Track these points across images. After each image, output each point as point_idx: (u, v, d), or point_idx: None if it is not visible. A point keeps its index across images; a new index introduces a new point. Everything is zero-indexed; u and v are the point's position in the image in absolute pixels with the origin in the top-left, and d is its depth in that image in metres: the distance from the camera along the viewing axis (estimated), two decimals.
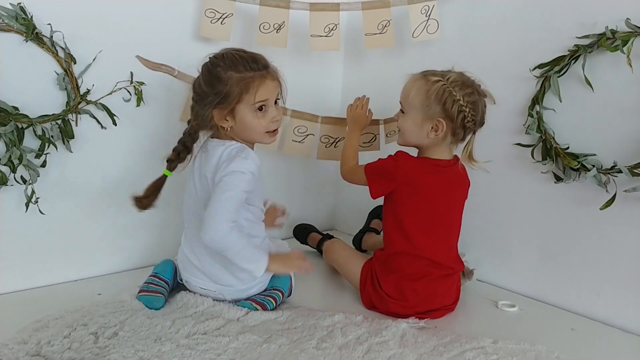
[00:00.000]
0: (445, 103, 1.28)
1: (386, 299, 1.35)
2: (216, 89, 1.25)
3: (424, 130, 1.32)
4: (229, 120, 1.28)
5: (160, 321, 1.24)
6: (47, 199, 1.41)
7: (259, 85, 1.24)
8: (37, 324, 1.20)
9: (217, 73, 1.25)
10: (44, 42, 1.35)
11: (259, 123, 1.27)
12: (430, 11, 1.59)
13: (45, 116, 1.37)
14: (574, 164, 1.37)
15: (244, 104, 1.25)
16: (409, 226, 1.34)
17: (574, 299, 1.44)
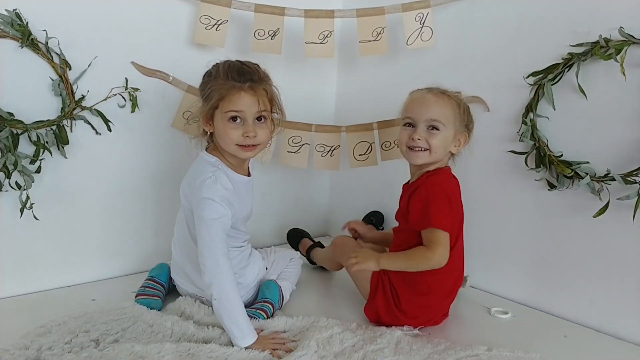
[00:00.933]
0: (468, 116, 1.35)
1: (399, 316, 1.32)
2: (203, 93, 1.29)
3: (449, 145, 1.33)
4: (210, 126, 1.30)
5: (162, 329, 1.25)
6: (42, 205, 1.41)
7: (233, 95, 1.24)
8: (40, 330, 1.21)
9: (207, 78, 1.29)
10: (39, 48, 1.36)
11: (226, 134, 1.26)
12: (424, 19, 1.60)
13: (40, 122, 1.38)
14: (567, 171, 1.37)
15: (219, 111, 1.26)
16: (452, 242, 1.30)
17: (567, 306, 1.44)
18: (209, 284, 1.20)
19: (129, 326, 1.25)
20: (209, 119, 1.29)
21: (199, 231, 1.24)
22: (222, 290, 1.19)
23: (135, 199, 1.60)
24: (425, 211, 1.25)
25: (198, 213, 1.24)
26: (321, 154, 1.73)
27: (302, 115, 1.76)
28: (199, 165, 1.32)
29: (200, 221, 1.24)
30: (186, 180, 1.34)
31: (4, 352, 1.10)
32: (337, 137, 1.74)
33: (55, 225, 1.47)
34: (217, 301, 1.19)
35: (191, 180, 1.30)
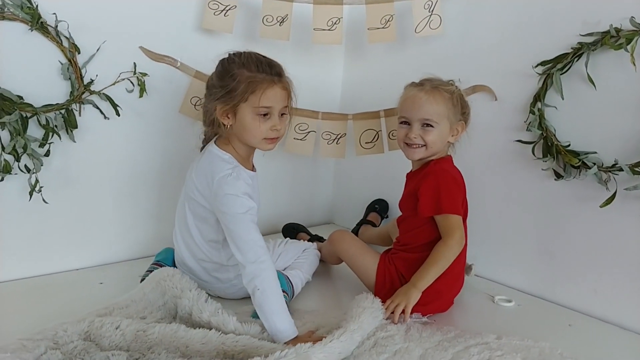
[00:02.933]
0: (463, 106, 1.35)
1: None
2: (224, 82, 1.22)
3: (446, 137, 1.35)
4: (230, 118, 1.25)
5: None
6: (51, 188, 1.42)
7: (267, 89, 1.20)
8: (103, 311, 1.21)
9: (230, 67, 1.23)
10: (48, 32, 1.36)
11: (257, 127, 1.22)
12: (433, 7, 1.59)
13: (49, 106, 1.38)
14: (574, 161, 1.37)
15: (248, 105, 1.21)
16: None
17: (572, 295, 1.45)
18: (252, 276, 1.16)
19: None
20: (228, 111, 1.24)
21: (229, 228, 1.20)
22: (267, 283, 1.16)
23: (143, 184, 1.60)
24: (437, 198, 1.29)
25: (223, 210, 1.21)
26: (327, 142, 1.74)
27: (309, 103, 1.75)
28: (213, 160, 1.27)
29: (229, 218, 1.20)
30: (198, 173, 1.29)
31: (60, 327, 1.10)
32: (344, 125, 1.74)
33: (64, 209, 1.48)
34: (260, 292, 1.15)
35: (206, 176, 1.26)
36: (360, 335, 1.17)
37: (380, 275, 1.39)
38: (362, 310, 1.23)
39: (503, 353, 1.16)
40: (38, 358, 1.02)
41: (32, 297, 1.35)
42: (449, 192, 1.30)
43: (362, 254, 1.44)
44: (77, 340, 1.10)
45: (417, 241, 1.36)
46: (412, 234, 1.36)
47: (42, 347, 1.05)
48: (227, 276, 1.35)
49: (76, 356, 1.06)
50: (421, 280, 1.28)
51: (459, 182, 1.34)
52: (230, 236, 1.21)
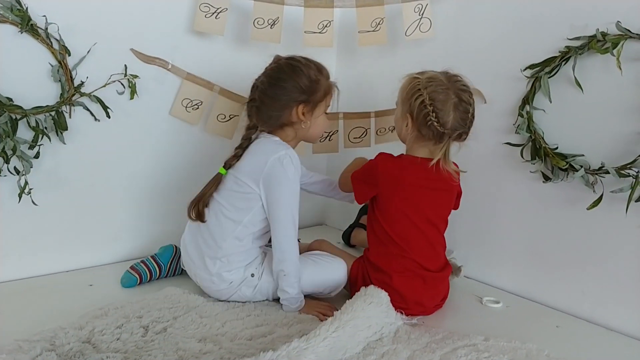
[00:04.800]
0: (411, 98, 1.31)
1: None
2: (310, 86, 1.35)
3: (401, 126, 1.37)
4: (306, 116, 1.37)
5: (211, 321, 1.27)
6: (40, 190, 1.42)
7: (333, 92, 1.42)
8: (98, 312, 1.25)
9: (310, 74, 1.36)
10: (38, 34, 1.36)
11: (324, 123, 1.43)
12: (423, 10, 1.60)
13: (39, 107, 1.38)
14: (562, 164, 1.38)
15: (323, 104, 1.39)
16: (394, 225, 1.35)
17: (560, 296, 1.46)
18: (281, 262, 1.33)
19: (180, 315, 1.28)
20: (309, 111, 1.37)
21: (276, 213, 1.33)
22: (293, 268, 1.34)
23: (133, 186, 1.60)
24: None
25: (276, 195, 1.32)
26: (319, 139, 1.74)
27: None
28: (266, 145, 1.37)
29: (280, 204, 1.33)
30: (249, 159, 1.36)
31: (60, 329, 1.14)
32: (335, 124, 1.76)
33: (53, 211, 1.48)
34: (286, 277, 1.33)
35: (258, 158, 1.34)
36: (354, 327, 1.17)
37: (353, 274, 1.43)
38: (356, 299, 1.25)
39: (490, 355, 1.17)
40: (34, 359, 1.03)
41: (23, 299, 1.34)
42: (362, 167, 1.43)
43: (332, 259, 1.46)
44: (74, 342, 1.10)
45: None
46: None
47: (38, 348, 1.06)
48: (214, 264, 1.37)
49: (71, 358, 1.07)
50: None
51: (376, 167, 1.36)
52: (275, 221, 1.34)
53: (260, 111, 1.37)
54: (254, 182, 1.33)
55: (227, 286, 1.37)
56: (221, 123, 1.65)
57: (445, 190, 1.39)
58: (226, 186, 1.38)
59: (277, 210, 1.33)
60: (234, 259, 1.36)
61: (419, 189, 1.34)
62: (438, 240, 1.40)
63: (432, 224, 1.37)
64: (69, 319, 1.21)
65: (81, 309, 1.27)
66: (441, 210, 1.40)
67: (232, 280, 1.36)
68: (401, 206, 1.35)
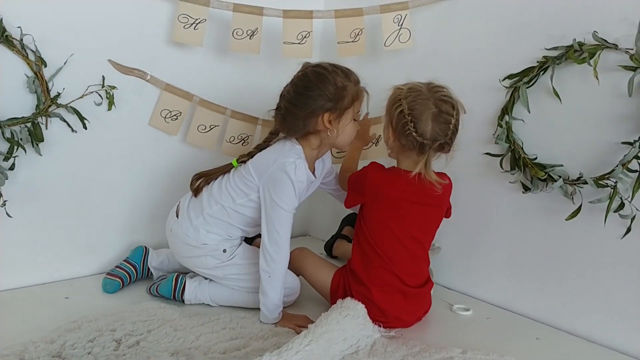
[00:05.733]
0: (391, 108, 1.33)
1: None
2: (336, 94, 1.34)
3: (387, 137, 1.37)
4: (332, 124, 1.36)
5: (185, 334, 1.25)
6: (15, 202, 1.41)
7: (363, 98, 1.39)
8: (71, 325, 1.25)
9: (336, 81, 1.34)
10: (14, 45, 1.35)
11: (354, 130, 1.41)
12: (402, 20, 1.60)
13: (14, 119, 1.38)
14: (541, 174, 1.37)
15: (351, 111, 1.37)
16: (377, 238, 1.34)
17: (540, 308, 1.45)
18: (269, 263, 1.33)
19: (155, 328, 1.27)
20: (332, 119, 1.35)
21: (270, 214, 1.34)
22: (280, 273, 1.34)
23: (111, 197, 1.59)
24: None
25: (271, 195, 1.33)
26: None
27: None
28: (284, 146, 1.38)
29: (274, 206, 1.33)
30: (261, 155, 1.39)
31: (31, 343, 1.14)
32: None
33: (29, 223, 1.46)
34: (269, 278, 1.33)
35: (267, 157, 1.37)
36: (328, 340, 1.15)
37: (334, 285, 1.42)
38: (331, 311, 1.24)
39: None
40: None
41: None
42: (356, 172, 1.45)
43: (317, 269, 1.47)
44: (44, 357, 1.10)
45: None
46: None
47: None
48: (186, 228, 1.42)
49: None
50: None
51: (365, 175, 1.37)
52: (267, 221, 1.34)
53: (286, 120, 1.38)
54: (257, 175, 1.36)
55: (197, 244, 1.40)
56: (201, 134, 1.64)
57: (433, 205, 1.37)
58: (234, 173, 1.42)
59: (270, 211, 1.34)
60: (215, 222, 1.41)
61: (404, 202, 1.33)
62: (421, 256, 1.39)
63: (416, 240, 1.36)
64: (42, 332, 1.20)
65: (55, 322, 1.26)
66: (427, 225, 1.39)
67: (205, 242, 1.40)
68: (385, 219, 1.34)
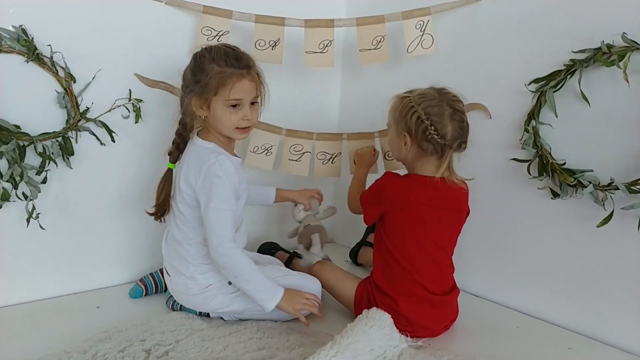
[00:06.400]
0: (406, 117, 1.31)
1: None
2: (197, 77, 1.30)
3: (399, 146, 1.35)
4: (204, 110, 1.32)
5: (212, 345, 1.27)
6: (48, 214, 1.45)
7: (235, 82, 1.28)
8: (102, 335, 1.28)
9: (202, 62, 1.30)
10: (44, 63, 1.39)
11: (229, 118, 1.30)
12: (425, 26, 1.59)
13: (45, 134, 1.41)
14: (570, 180, 1.34)
15: (219, 98, 1.29)
16: (399, 247, 1.33)
17: (572, 317, 1.41)
18: (224, 267, 1.30)
19: (183, 338, 1.29)
20: (202, 104, 1.31)
21: (207, 217, 1.29)
22: (239, 268, 1.29)
23: (139, 208, 1.61)
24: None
25: (205, 201, 1.29)
26: (322, 162, 1.74)
27: (306, 124, 1.76)
28: (198, 152, 1.34)
29: (208, 209, 1.28)
30: (189, 167, 1.34)
31: (64, 353, 1.17)
32: (339, 145, 1.74)
33: (61, 235, 1.50)
34: (237, 279, 1.30)
35: (195, 168, 1.32)
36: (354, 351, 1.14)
37: (358, 295, 1.40)
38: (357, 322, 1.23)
39: None
40: None
41: (31, 321, 1.37)
42: (369, 187, 1.44)
43: (340, 281, 1.47)
44: None
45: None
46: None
47: None
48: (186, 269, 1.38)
49: None
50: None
51: (382, 186, 1.36)
52: (207, 225, 1.30)
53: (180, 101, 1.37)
54: (189, 189, 1.33)
55: (202, 290, 1.37)
56: None
57: (453, 209, 1.36)
58: (177, 200, 1.37)
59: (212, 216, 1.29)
60: (204, 261, 1.37)
61: (426, 209, 1.31)
62: (446, 263, 1.37)
63: (439, 246, 1.35)
64: (75, 342, 1.23)
65: (87, 331, 1.29)
66: (449, 231, 1.37)
67: (209, 284, 1.37)
68: (407, 227, 1.32)
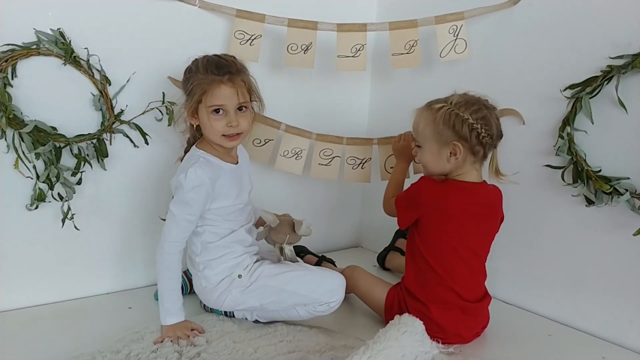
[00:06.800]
0: (455, 125, 1.27)
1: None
2: (185, 88, 1.35)
3: (443, 158, 1.31)
4: (195, 119, 1.36)
5: (243, 347, 1.28)
6: (82, 215, 1.47)
7: (214, 89, 1.30)
8: (135, 335, 1.29)
9: (188, 74, 1.34)
10: (81, 65, 1.41)
11: (211, 126, 1.32)
12: (458, 31, 1.58)
13: (81, 136, 1.43)
14: (606, 187, 1.33)
15: (203, 105, 1.32)
16: (435, 253, 1.32)
17: (606, 326, 1.40)
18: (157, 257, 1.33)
19: (214, 340, 1.30)
20: (193, 113, 1.34)
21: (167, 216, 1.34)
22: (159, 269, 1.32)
23: None
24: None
25: (174, 198, 1.35)
26: (352, 167, 1.73)
27: (335, 128, 1.76)
28: (188, 158, 1.38)
29: (170, 209, 1.33)
30: (178, 171, 1.37)
31: (98, 352, 1.19)
32: (369, 150, 1.73)
33: (95, 235, 1.52)
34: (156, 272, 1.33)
35: (180, 171, 1.36)
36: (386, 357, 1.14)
37: (388, 301, 1.40)
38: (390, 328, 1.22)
39: None
40: None
41: (63, 321, 1.39)
42: (405, 190, 1.42)
43: (371, 286, 1.46)
44: None
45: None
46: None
47: None
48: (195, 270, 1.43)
49: None
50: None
51: (419, 191, 1.34)
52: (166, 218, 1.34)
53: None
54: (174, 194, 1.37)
55: (215, 285, 1.39)
56: (256, 147, 1.66)
57: (490, 215, 1.35)
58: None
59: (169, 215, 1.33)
60: (210, 257, 1.39)
61: (464, 215, 1.30)
62: (480, 270, 1.37)
63: (475, 253, 1.34)
64: (108, 341, 1.25)
65: (119, 331, 1.31)
66: (485, 237, 1.37)
67: (221, 278, 1.39)
68: (444, 233, 1.31)
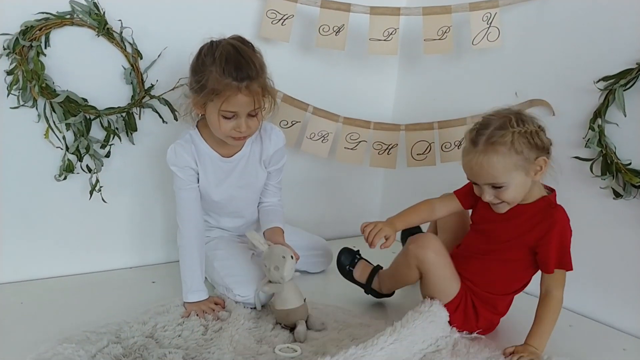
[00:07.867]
0: (536, 143, 1.18)
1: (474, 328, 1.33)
2: (197, 76, 1.26)
3: (528, 182, 1.20)
4: (201, 109, 1.30)
5: (264, 323, 1.29)
6: (110, 188, 1.48)
7: (230, 96, 1.22)
8: (160, 308, 1.31)
9: (203, 63, 1.25)
10: (113, 38, 1.41)
11: (219, 126, 1.27)
12: (492, 19, 1.57)
13: (111, 108, 1.44)
14: (635, 180, 1.33)
15: (214, 104, 1.25)
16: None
17: (628, 319, 1.40)
18: (178, 236, 1.36)
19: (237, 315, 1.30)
20: (201, 105, 1.28)
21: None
22: (183, 246, 1.35)
23: None
24: (563, 253, 1.21)
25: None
26: (378, 152, 1.73)
27: (362, 112, 1.76)
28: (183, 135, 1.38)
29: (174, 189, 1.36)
30: None
31: (125, 323, 1.20)
32: (396, 136, 1.72)
33: (121, 209, 1.53)
34: (179, 250, 1.35)
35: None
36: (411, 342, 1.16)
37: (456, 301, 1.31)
38: (419, 315, 1.23)
39: None
40: (101, 350, 1.09)
41: (90, 292, 1.41)
42: (569, 248, 1.21)
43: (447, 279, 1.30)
44: (138, 336, 1.15)
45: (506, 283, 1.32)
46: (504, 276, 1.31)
47: (105, 340, 1.11)
48: None
49: (135, 351, 1.11)
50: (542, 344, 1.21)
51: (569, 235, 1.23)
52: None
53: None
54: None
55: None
56: (283, 129, 1.66)
57: None
58: None
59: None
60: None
61: None
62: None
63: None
64: (133, 313, 1.26)
65: (144, 304, 1.32)
66: None
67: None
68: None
